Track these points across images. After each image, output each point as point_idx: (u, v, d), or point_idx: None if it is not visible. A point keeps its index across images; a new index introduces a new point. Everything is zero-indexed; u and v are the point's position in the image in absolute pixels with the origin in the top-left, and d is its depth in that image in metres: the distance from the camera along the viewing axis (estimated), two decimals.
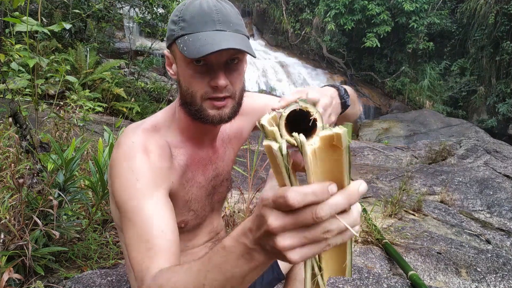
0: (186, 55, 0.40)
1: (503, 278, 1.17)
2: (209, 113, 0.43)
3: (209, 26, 0.40)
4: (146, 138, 0.44)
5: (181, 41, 0.41)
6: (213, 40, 0.39)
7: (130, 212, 0.40)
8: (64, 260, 0.91)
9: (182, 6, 0.43)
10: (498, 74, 6.03)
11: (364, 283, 1.00)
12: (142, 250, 0.38)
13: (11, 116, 0.86)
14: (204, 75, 0.42)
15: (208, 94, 0.42)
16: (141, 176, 0.41)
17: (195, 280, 0.29)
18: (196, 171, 0.50)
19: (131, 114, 2.94)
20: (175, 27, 0.42)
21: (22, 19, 0.77)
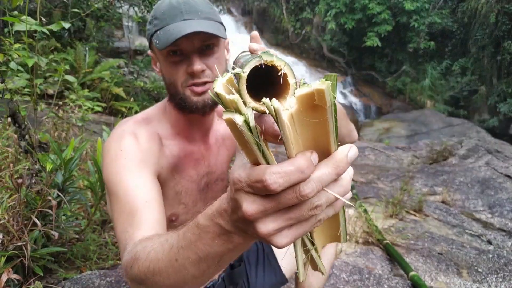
0: (158, 48, 0.42)
1: (504, 278, 1.16)
2: (192, 100, 0.44)
3: (178, 18, 0.42)
4: (136, 126, 0.46)
5: (155, 37, 0.43)
6: (180, 28, 0.41)
7: (115, 186, 0.41)
8: (63, 261, 0.91)
9: (156, 5, 0.46)
10: (499, 74, 6.01)
11: (365, 284, 1.00)
12: (126, 221, 0.38)
13: (10, 116, 0.85)
14: (181, 64, 0.43)
15: (187, 81, 0.44)
16: (128, 154, 0.42)
17: (168, 254, 0.27)
18: (187, 164, 0.51)
19: (130, 113, 2.94)
20: (150, 26, 0.45)
21: (21, 18, 0.76)
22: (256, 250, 0.64)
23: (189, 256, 0.26)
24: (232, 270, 0.59)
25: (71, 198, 0.89)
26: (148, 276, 0.29)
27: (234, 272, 0.59)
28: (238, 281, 0.59)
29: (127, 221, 0.38)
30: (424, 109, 6.02)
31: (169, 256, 0.27)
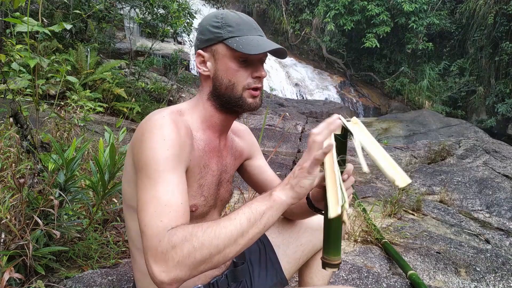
0: (243, 51, 0.49)
1: (502, 277, 1.17)
2: (248, 101, 0.52)
3: (253, 32, 0.51)
4: (175, 117, 0.50)
5: (232, 41, 0.50)
6: (263, 42, 0.50)
7: (154, 172, 0.43)
8: (65, 260, 0.91)
9: (219, 15, 0.52)
10: (497, 74, 6.04)
11: (364, 283, 1.01)
12: (162, 210, 0.41)
13: (12, 116, 0.86)
14: (246, 69, 0.51)
15: (250, 84, 0.51)
16: (171, 146, 0.45)
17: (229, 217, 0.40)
18: (211, 159, 0.55)
19: (132, 114, 2.95)
20: (220, 30, 0.51)
21: (23, 19, 0.77)
22: (258, 251, 0.65)
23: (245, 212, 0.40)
24: (235, 268, 0.61)
25: (73, 197, 0.90)
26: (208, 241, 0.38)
27: (237, 270, 0.60)
28: (241, 279, 0.60)
29: (164, 211, 0.41)
30: (423, 110, 6.04)
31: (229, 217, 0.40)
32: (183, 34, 4.60)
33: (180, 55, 4.08)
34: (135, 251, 0.54)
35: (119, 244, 1.02)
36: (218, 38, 0.51)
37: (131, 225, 0.54)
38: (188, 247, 0.37)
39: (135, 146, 0.48)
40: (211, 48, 0.52)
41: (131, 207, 0.53)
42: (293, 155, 2.79)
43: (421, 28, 6.22)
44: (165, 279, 0.37)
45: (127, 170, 0.52)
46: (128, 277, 0.86)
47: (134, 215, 0.52)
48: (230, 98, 0.51)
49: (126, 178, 0.53)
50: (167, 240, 0.38)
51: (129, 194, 0.53)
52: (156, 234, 0.39)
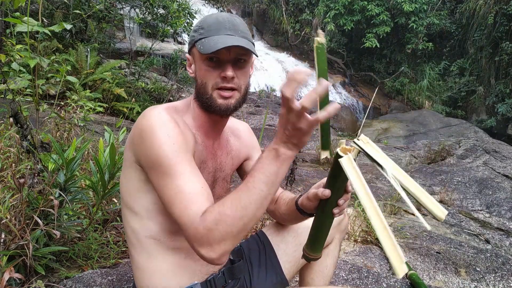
0: (202, 52, 0.50)
1: (502, 277, 1.17)
2: (218, 102, 0.52)
3: (222, 32, 0.51)
4: (172, 113, 0.51)
5: (199, 43, 0.51)
6: (224, 40, 0.49)
7: (169, 168, 0.46)
8: (65, 260, 0.91)
9: (203, 18, 0.55)
10: (497, 74, 6.04)
11: (364, 283, 1.01)
12: (187, 200, 0.45)
13: (12, 116, 0.86)
14: (216, 69, 0.51)
15: (218, 84, 0.51)
16: (176, 140, 0.47)
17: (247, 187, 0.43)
18: (207, 156, 0.56)
19: (132, 114, 2.95)
20: (195, 33, 0.53)
21: (23, 19, 0.77)
22: (258, 251, 0.65)
23: (260, 177, 0.43)
24: (232, 265, 0.61)
25: (73, 197, 0.89)
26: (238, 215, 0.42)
27: (234, 267, 0.60)
28: (238, 276, 0.61)
29: (188, 200, 0.45)
30: (422, 110, 6.03)
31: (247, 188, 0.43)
32: (183, 34, 4.60)
33: (180, 55, 4.08)
34: (131, 248, 0.54)
35: (119, 244, 1.02)
36: (193, 41, 0.53)
37: (127, 223, 0.54)
38: (223, 226, 0.42)
39: (136, 145, 0.49)
40: (192, 51, 0.54)
41: (127, 204, 0.53)
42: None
43: (421, 28, 6.22)
44: (214, 256, 0.43)
45: (127, 168, 0.52)
46: (128, 277, 0.86)
47: (131, 214, 0.53)
48: (203, 97, 0.53)
49: (125, 174, 0.53)
50: (202, 227, 0.42)
51: (127, 190, 0.53)
52: (191, 223, 0.43)
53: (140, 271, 0.54)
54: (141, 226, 0.52)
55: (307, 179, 2.21)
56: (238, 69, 0.52)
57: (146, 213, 0.52)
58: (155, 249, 0.52)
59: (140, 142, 0.48)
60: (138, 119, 0.50)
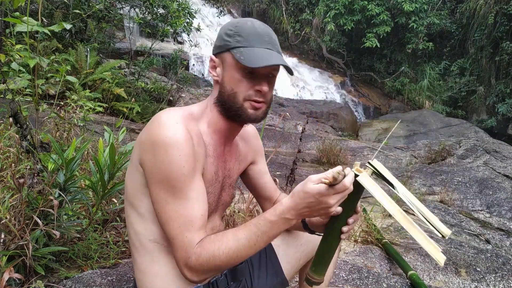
0: (243, 63, 0.49)
1: (502, 278, 1.17)
2: (249, 112, 0.52)
3: (262, 44, 0.51)
4: (187, 123, 0.50)
5: (237, 52, 0.50)
6: (267, 56, 0.50)
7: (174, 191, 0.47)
8: (65, 260, 0.91)
9: (235, 23, 0.53)
10: (497, 74, 6.03)
11: (364, 283, 1.01)
12: (184, 226, 0.47)
13: (11, 116, 0.86)
14: (250, 80, 0.51)
15: (250, 96, 0.52)
16: (186, 161, 0.47)
17: (248, 244, 0.47)
18: (218, 165, 0.56)
19: (131, 114, 2.94)
20: (230, 39, 0.52)
21: (22, 19, 0.77)
22: (259, 252, 0.64)
23: (264, 239, 0.47)
24: (235, 267, 0.61)
25: (73, 197, 0.89)
26: (230, 263, 0.47)
27: (236, 269, 0.61)
28: (240, 278, 0.61)
29: (185, 226, 0.47)
30: (423, 110, 6.03)
31: (249, 245, 0.47)
32: (183, 34, 4.59)
33: (180, 55, 4.07)
34: (134, 250, 0.54)
35: (118, 244, 1.02)
36: (227, 47, 0.52)
37: (130, 224, 0.54)
38: (214, 265, 0.47)
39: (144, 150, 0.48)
40: (221, 55, 0.53)
41: (132, 205, 0.53)
42: (293, 155, 2.79)
43: (421, 28, 6.21)
44: (196, 280, 0.48)
45: (132, 168, 0.52)
46: (128, 277, 0.86)
47: (135, 215, 0.53)
48: (231, 106, 0.52)
49: (130, 175, 0.53)
50: (194, 259, 0.47)
51: (131, 191, 0.53)
52: (184, 250, 0.47)
53: (142, 273, 0.54)
54: (145, 229, 0.52)
55: None
56: (269, 84, 0.52)
57: (150, 216, 0.51)
58: (157, 253, 0.52)
59: (149, 152, 0.47)
60: (152, 123, 0.48)
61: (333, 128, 4.93)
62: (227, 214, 1.15)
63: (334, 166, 2.19)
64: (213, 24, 6.94)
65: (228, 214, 1.15)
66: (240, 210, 1.26)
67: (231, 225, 1.12)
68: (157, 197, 0.48)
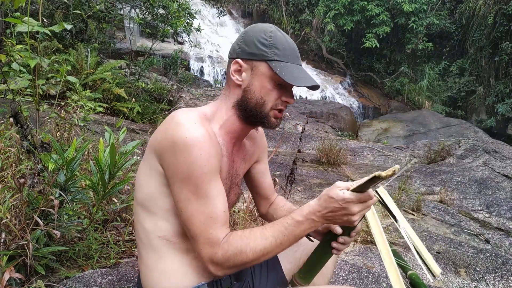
0: (285, 79, 0.51)
1: (502, 277, 1.17)
2: (272, 120, 0.55)
3: (296, 60, 0.54)
4: (204, 124, 0.51)
5: (276, 65, 0.52)
6: (304, 75, 0.53)
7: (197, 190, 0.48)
8: (65, 260, 0.91)
9: (268, 32, 0.54)
10: (497, 75, 6.04)
11: (364, 282, 1.01)
12: (207, 222, 0.48)
13: (12, 116, 0.86)
14: (279, 91, 0.54)
15: (277, 105, 0.55)
16: (207, 159, 0.48)
17: (275, 242, 0.49)
18: (228, 165, 0.57)
19: (132, 114, 2.95)
20: (267, 49, 0.53)
21: (23, 19, 0.77)
22: None
23: (289, 239, 0.49)
24: None
25: (73, 197, 0.90)
26: (255, 259, 0.48)
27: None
28: (243, 278, 0.61)
29: (209, 223, 0.48)
30: (422, 110, 6.04)
31: (276, 244, 0.49)
32: (183, 34, 4.59)
33: (180, 55, 4.07)
34: (141, 247, 0.54)
35: (119, 244, 1.02)
36: (263, 57, 0.52)
37: (140, 222, 0.54)
38: (239, 260, 0.48)
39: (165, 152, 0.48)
40: (252, 62, 0.53)
41: (143, 203, 0.53)
42: (293, 155, 2.79)
43: (421, 28, 6.22)
44: (220, 274, 0.49)
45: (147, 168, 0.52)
46: (128, 277, 0.86)
47: (145, 211, 0.53)
48: (257, 113, 0.54)
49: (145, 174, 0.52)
50: (221, 254, 0.48)
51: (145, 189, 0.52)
52: (211, 246, 0.48)
53: (149, 270, 0.54)
54: (155, 226, 0.52)
55: (307, 179, 2.21)
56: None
57: (162, 214, 0.52)
58: (165, 250, 0.52)
59: (170, 153, 0.48)
60: (169, 124, 0.49)
61: (332, 128, 4.94)
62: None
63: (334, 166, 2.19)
64: (214, 24, 6.94)
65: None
66: (240, 210, 1.26)
67: (231, 225, 1.13)
68: (180, 196, 0.48)
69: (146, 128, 2.72)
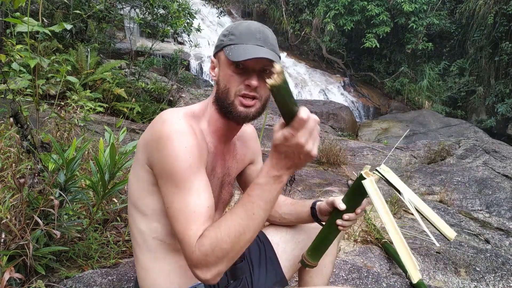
0: (230, 58, 0.50)
1: (502, 277, 1.17)
2: (238, 109, 0.52)
3: (252, 41, 0.51)
4: (189, 120, 0.51)
5: (227, 49, 0.52)
6: (253, 50, 0.50)
7: (181, 183, 0.47)
8: (65, 260, 0.92)
9: (233, 25, 0.55)
10: (497, 75, 6.04)
11: (364, 282, 1.01)
12: (190, 217, 0.45)
13: (12, 116, 0.86)
14: (241, 76, 0.52)
15: (240, 90, 0.52)
16: (192, 152, 0.47)
17: (246, 214, 0.44)
18: (217, 162, 0.57)
19: (132, 114, 2.95)
20: (224, 38, 0.53)
21: (23, 19, 0.77)
22: (258, 250, 0.66)
23: (260, 205, 0.44)
24: (235, 265, 0.61)
25: (73, 197, 0.90)
26: (235, 243, 0.43)
27: (236, 267, 0.61)
28: (240, 276, 0.61)
29: (192, 218, 0.45)
30: (422, 110, 6.03)
31: (248, 216, 0.44)
32: (183, 34, 4.59)
33: (180, 55, 4.07)
34: (137, 248, 0.54)
35: (119, 244, 1.02)
36: (221, 46, 0.53)
37: (134, 223, 0.54)
38: (219, 250, 0.43)
39: (151, 149, 0.49)
40: (217, 54, 0.55)
41: (136, 204, 0.53)
42: None
43: (421, 28, 6.23)
44: (208, 277, 0.44)
45: (137, 168, 0.52)
46: (128, 277, 0.86)
47: (138, 212, 0.53)
48: (224, 102, 0.53)
49: (135, 175, 0.53)
50: (198, 252, 0.44)
51: (136, 191, 0.53)
52: (189, 245, 0.45)
53: (145, 271, 0.54)
54: (148, 227, 0.52)
55: (307, 179, 2.21)
56: (262, 80, 0.51)
57: (153, 215, 0.52)
58: (160, 250, 0.52)
59: (156, 149, 0.48)
60: (156, 122, 0.49)
61: (332, 128, 4.94)
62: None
63: (334, 166, 2.20)
64: (214, 24, 6.94)
65: None
66: None
67: None
68: (166, 192, 0.48)
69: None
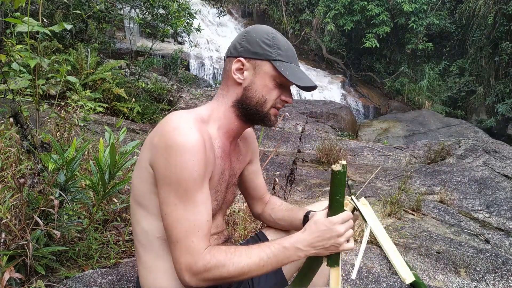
0: (289, 78, 0.53)
1: (502, 277, 1.18)
2: (271, 119, 0.57)
3: (296, 62, 0.56)
4: (199, 127, 0.51)
5: (280, 65, 0.53)
6: (304, 76, 0.55)
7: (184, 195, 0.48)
8: (65, 260, 0.92)
9: (270, 33, 0.55)
10: (497, 75, 6.05)
11: (364, 282, 1.01)
12: (191, 230, 0.47)
13: (12, 116, 0.86)
14: (278, 90, 0.55)
15: (276, 104, 0.56)
16: (199, 166, 0.48)
17: (257, 262, 0.49)
18: (225, 164, 0.57)
19: (132, 114, 2.95)
20: (270, 49, 0.54)
21: (23, 19, 0.77)
22: None
23: (272, 263, 0.50)
24: None
25: (73, 197, 0.90)
26: (235, 276, 0.48)
27: None
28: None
29: (193, 231, 0.47)
30: (422, 110, 6.04)
31: (259, 264, 0.49)
32: (183, 34, 4.59)
33: (180, 55, 4.07)
34: (140, 248, 0.54)
35: (119, 244, 1.02)
36: (267, 57, 0.53)
37: (137, 222, 0.54)
38: (220, 274, 0.47)
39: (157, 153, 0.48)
40: (255, 61, 0.54)
41: (140, 203, 0.53)
42: (293, 155, 2.80)
43: (421, 28, 6.23)
44: (193, 285, 0.47)
45: (141, 168, 0.52)
46: (128, 277, 0.86)
47: (142, 212, 0.53)
48: (258, 112, 0.55)
49: (139, 175, 0.53)
50: (202, 264, 0.47)
51: (139, 190, 0.53)
52: (190, 254, 0.47)
53: (147, 270, 0.54)
54: (153, 226, 0.52)
55: (307, 179, 2.21)
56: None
57: (158, 214, 0.52)
58: (164, 250, 0.52)
59: (162, 155, 0.47)
60: (165, 125, 0.48)
61: (332, 128, 4.94)
62: (227, 214, 1.15)
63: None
64: (214, 24, 6.94)
65: (228, 214, 1.16)
66: (240, 210, 1.27)
67: (231, 225, 1.13)
68: (166, 200, 0.48)
69: (146, 128, 2.72)
